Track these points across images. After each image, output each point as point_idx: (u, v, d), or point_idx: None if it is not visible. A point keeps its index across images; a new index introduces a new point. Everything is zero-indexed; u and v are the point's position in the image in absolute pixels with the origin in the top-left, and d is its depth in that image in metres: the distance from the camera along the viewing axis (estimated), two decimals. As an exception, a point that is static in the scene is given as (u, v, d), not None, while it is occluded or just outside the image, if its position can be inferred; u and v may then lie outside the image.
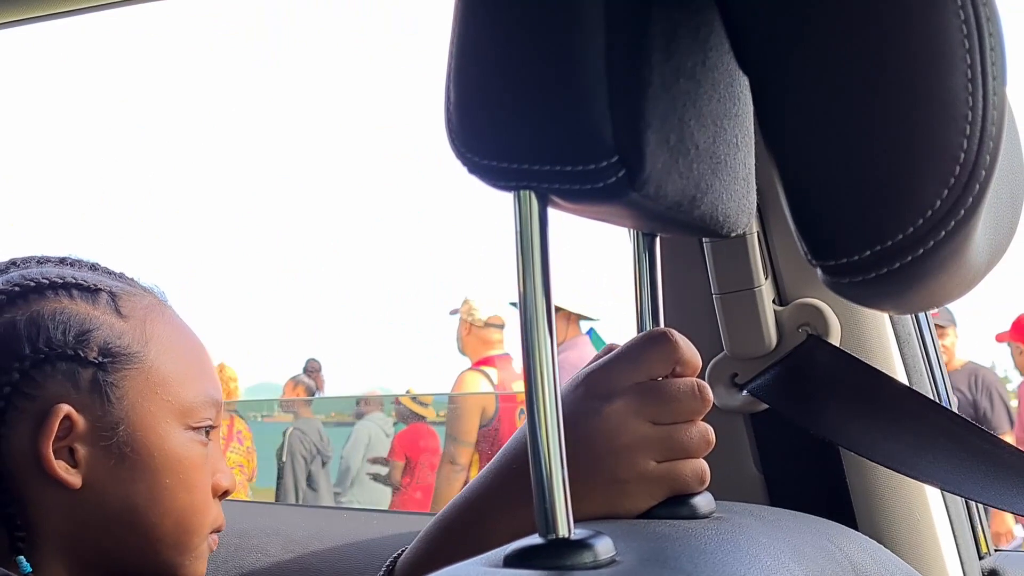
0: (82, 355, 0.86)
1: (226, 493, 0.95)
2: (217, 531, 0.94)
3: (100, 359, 0.86)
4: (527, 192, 0.51)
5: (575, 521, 0.53)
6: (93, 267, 0.95)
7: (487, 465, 0.78)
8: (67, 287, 0.89)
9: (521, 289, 0.52)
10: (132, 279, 0.96)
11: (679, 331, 0.71)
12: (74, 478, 0.85)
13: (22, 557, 0.85)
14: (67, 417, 0.84)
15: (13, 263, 0.94)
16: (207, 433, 0.92)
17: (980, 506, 1.07)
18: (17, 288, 0.88)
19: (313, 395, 7.49)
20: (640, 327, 0.71)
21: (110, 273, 0.96)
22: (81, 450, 0.85)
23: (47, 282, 0.89)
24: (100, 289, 0.90)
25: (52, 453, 0.84)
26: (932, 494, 0.99)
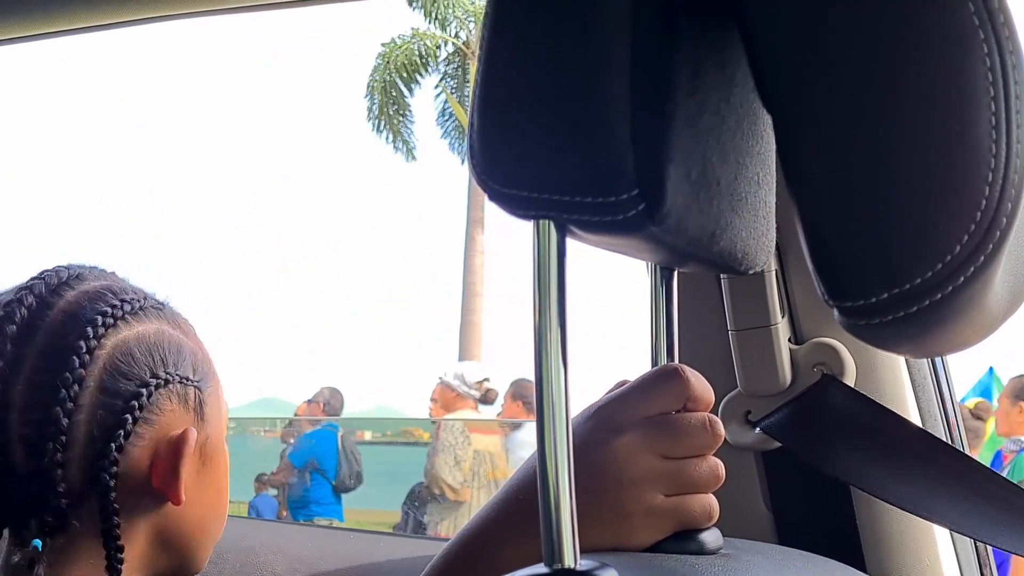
0: (187, 377, 0.90)
1: None
2: None
3: (196, 381, 0.90)
4: (546, 222, 0.51)
5: (581, 552, 0.53)
6: (131, 293, 0.95)
7: (494, 495, 0.78)
8: (144, 308, 0.91)
9: (536, 318, 0.52)
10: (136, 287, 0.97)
11: (694, 366, 0.71)
12: (181, 494, 0.88)
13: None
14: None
15: (62, 280, 0.91)
16: None
17: (989, 551, 1.07)
18: (118, 309, 0.88)
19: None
20: (654, 361, 0.71)
21: (137, 290, 0.96)
22: (184, 467, 0.88)
23: (138, 302, 0.91)
24: (162, 306, 0.94)
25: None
26: (942, 538, 0.98)
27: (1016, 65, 0.44)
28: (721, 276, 0.99)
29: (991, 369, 6.85)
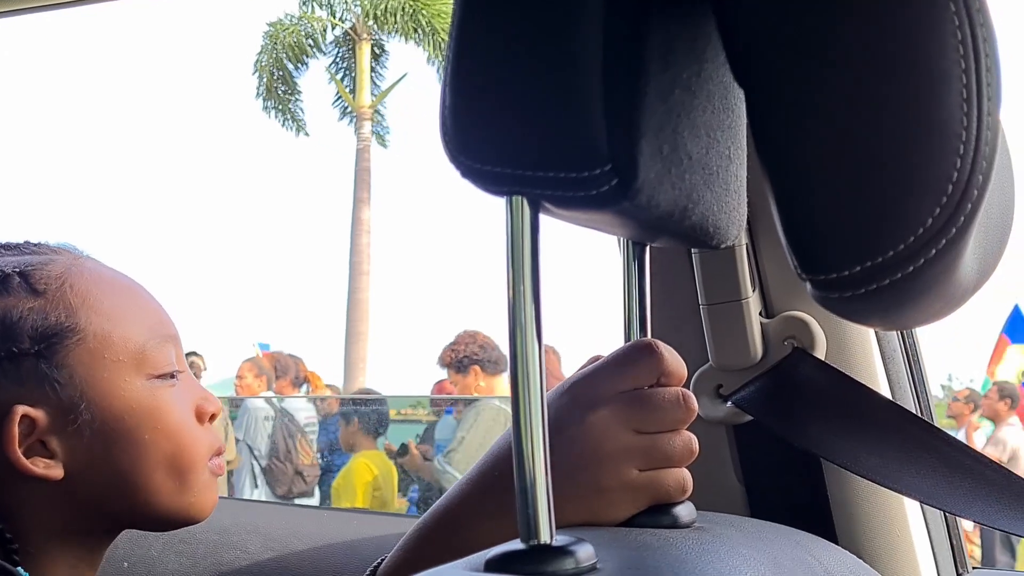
0: (15, 350, 0.84)
1: (214, 416, 0.93)
2: (218, 454, 0.93)
3: (35, 347, 0.84)
4: (519, 198, 0.51)
5: (557, 527, 0.53)
6: None
7: (468, 471, 0.78)
8: None
9: (510, 294, 0.52)
10: (38, 244, 0.93)
11: (666, 341, 0.71)
12: (55, 470, 0.84)
13: (20, 568, 0.84)
14: (25, 416, 0.83)
15: None
16: (173, 376, 0.90)
17: (959, 523, 1.08)
18: None
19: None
20: (627, 336, 0.71)
21: (12, 247, 0.93)
22: (52, 441, 0.84)
23: None
24: (7, 274, 0.87)
25: (22, 454, 0.83)
26: (912, 509, 0.99)
27: (987, 38, 0.44)
28: (692, 251, 0.99)
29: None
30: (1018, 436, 6.21)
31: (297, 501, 6.51)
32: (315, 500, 6.58)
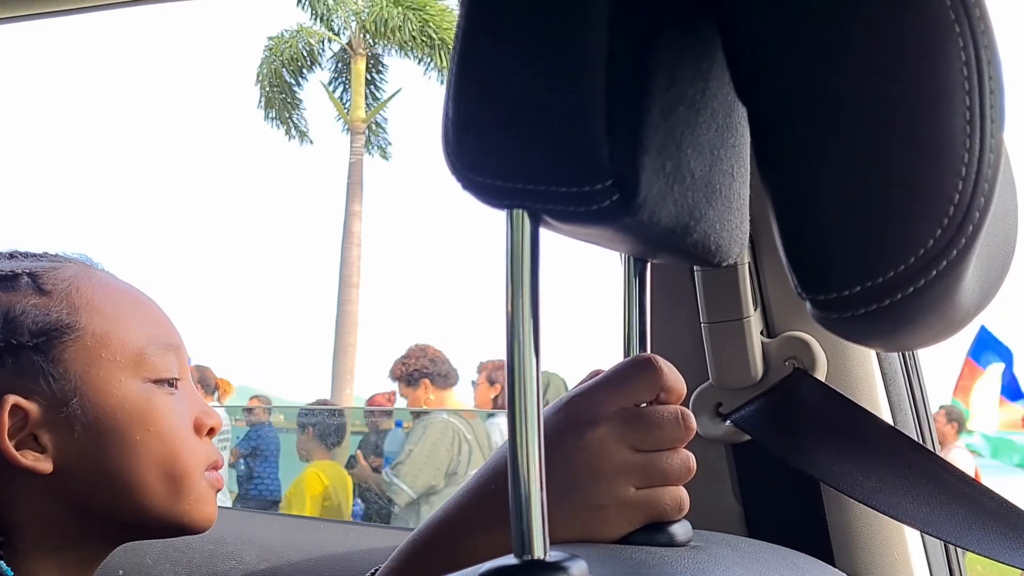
0: (14, 342, 0.85)
1: (212, 431, 0.93)
2: (215, 468, 0.93)
3: (33, 340, 0.85)
4: (520, 211, 0.51)
5: (551, 543, 0.53)
6: (11, 256, 0.94)
7: (463, 484, 0.78)
8: None
9: (509, 308, 0.52)
10: (56, 255, 0.95)
11: (666, 358, 0.71)
12: (44, 464, 0.85)
13: (1, 562, 0.84)
14: (17, 407, 0.84)
15: None
16: (172, 384, 0.91)
17: (958, 549, 1.07)
18: None
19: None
20: (627, 352, 0.71)
21: (29, 256, 0.95)
22: (43, 435, 0.85)
23: None
24: (17, 274, 0.89)
25: (12, 446, 0.84)
26: (911, 533, 0.99)
27: (991, 60, 0.44)
28: (694, 268, 0.99)
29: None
30: (964, 459, 6.22)
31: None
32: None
